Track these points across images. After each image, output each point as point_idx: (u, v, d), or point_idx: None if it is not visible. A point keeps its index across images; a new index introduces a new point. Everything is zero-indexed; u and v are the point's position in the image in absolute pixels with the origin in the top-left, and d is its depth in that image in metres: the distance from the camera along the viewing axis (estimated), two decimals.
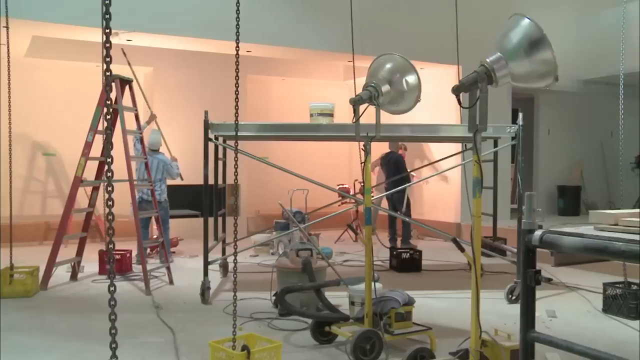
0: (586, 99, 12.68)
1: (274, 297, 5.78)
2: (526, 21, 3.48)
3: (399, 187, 8.65)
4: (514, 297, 6.20)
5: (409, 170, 9.85)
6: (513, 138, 6.64)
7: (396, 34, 9.90)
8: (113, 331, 2.16)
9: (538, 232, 2.25)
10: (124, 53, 8.39)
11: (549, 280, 6.99)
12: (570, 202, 12.65)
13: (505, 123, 7.56)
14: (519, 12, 3.60)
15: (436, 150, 11.03)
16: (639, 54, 9.20)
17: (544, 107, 12.75)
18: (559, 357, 4.25)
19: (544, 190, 12.86)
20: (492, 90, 3.45)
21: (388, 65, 4.62)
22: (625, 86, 6.20)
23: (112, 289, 2.16)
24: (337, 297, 5.51)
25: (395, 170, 9.65)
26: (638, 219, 2.25)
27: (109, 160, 2.12)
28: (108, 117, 2.12)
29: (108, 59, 2.06)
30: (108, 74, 2.07)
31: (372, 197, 8.64)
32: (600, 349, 2.27)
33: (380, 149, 9.67)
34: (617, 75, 6.15)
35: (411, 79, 4.56)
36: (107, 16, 2.05)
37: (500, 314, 5.66)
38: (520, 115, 6.67)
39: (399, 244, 9.63)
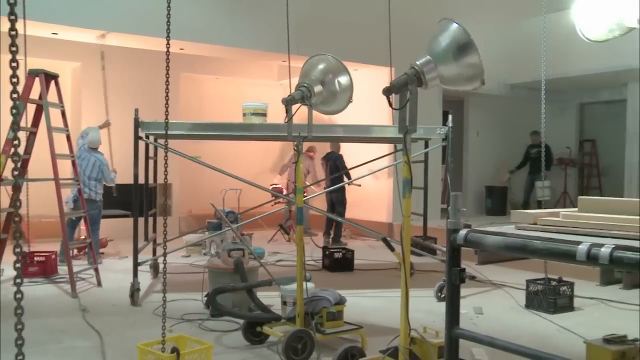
0: (513, 103, 13.14)
1: (205, 298, 5.71)
2: (454, 26, 3.56)
3: (337, 186, 8.74)
4: (443, 295, 6.34)
5: (344, 171, 9.99)
6: (443, 139, 6.80)
7: (331, 35, 9.97)
8: (20, 342, 1.99)
9: (463, 232, 2.31)
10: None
11: (472, 278, 7.19)
12: (498, 201, 13.06)
13: (436, 125, 7.74)
14: (448, 16, 3.69)
15: (370, 150, 11.18)
16: (560, 61, 9.60)
17: (473, 109, 13.13)
18: (484, 352, 4.38)
19: (472, 191, 13.24)
20: (423, 93, 3.52)
21: (321, 66, 4.65)
22: (547, 91, 6.45)
23: (18, 296, 1.96)
24: (270, 297, 5.50)
25: (335, 170, 9.85)
26: (555, 218, 2.35)
27: (15, 158, 2.01)
28: (14, 111, 2.01)
29: (14, 48, 1.96)
30: (14, 64, 1.97)
31: (305, 196, 8.67)
32: (522, 342, 2.36)
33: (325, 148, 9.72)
34: (539, 80, 6.40)
35: (343, 79, 4.60)
36: (12, 1, 1.93)
37: (430, 311, 5.78)
38: (450, 117, 6.84)
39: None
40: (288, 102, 4.42)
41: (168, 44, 3.56)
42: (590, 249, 1.92)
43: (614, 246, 1.90)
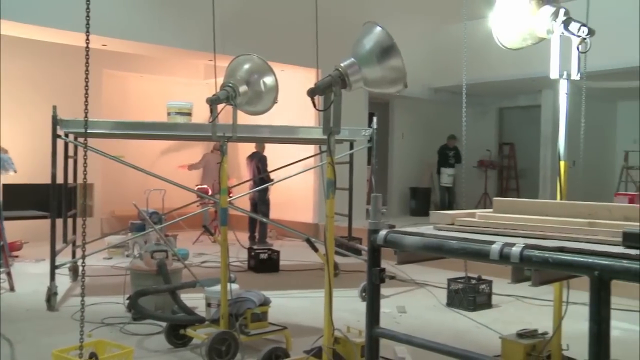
0: (436, 106, 13.50)
1: (127, 301, 5.57)
2: (378, 29, 3.62)
3: (261, 187, 8.73)
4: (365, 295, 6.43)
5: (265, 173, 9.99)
6: (369, 141, 6.90)
7: (258, 35, 9.94)
8: None
9: (383, 232, 2.35)
10: None
11: (392, 277, 7.30)
12: (421, 202, 13.38)
13: (362, 126, 7.85)
14: (372, 20, 3.74)
15: (298, 151, 11.22)
16: (480, 67, 9.94)
17: (398, 111, 13.40)
18: (406, 350, 4.47)
19: (397, 192, 13.50)
20: (349, 94, 3.56)
21: (246, 66, 4.63)
22: (469, 95, 6.66)
23: None
24: (194, 299, 5.42)
25: (259, 170, 9.84)
26: (471, 219, 2.43)
27: None
28: None
29: None
30: None
31: (230, 197, 8.61)
32: (443, 339, 2.43)
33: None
34: (461, 85, 6.60)
35: (269, 80, 4.60)
36: None
37: (354, 311, 5.84)
38: (375, 119, 6.95)
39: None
40: (212, 102, 4.37)
41: (87, 39, 3.45)
42: (502, 248, 2.01)
43: (524, 245, 1.99)
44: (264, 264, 8.02)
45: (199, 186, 10.98)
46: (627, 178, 13.31)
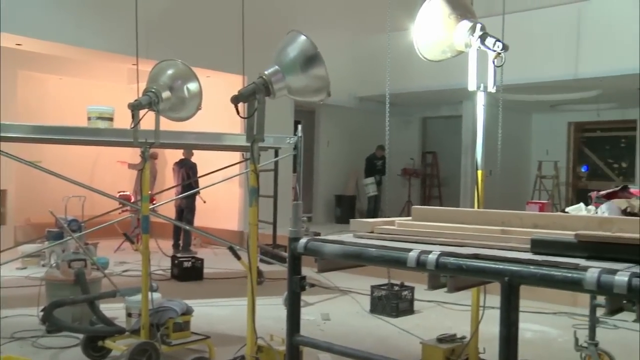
0: (362, 114, 13.69)
1: (41, 313, 5.34)
2: (302, 38, 3.65)
3: (188, 193, 8.60)
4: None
5: (194, 178, 9.86)
6: (294, 148, 6.93)
7: (184, 40, 9.80)
8: None
9: (303, 240, 2.37)
10: None
11: (312, 285, 7.34)
12: (346, 210, 13.52)
13: (288, 134, 7.87)
14: (297, 28, 3.77)
15: (224, 158, 11.12)
16: (404, 77, 10.17)
17: (324, 120, 13.51)
18: (329, 357, 4.50)
19: (323, 199, 13.59)
20: (275, 102, 3.56)
21: (170, 72, 4.56)
22: (393, 105, 6.81)
23: None
24: (114, 310, 5.26)
25: (188, 177, 9.71)
26: (391, 227, 2.48)
27: None
28: None
29: None
30: None
31: (154, 203, 8.44)
32: (366, 345, 2.47)
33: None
34: (384, 94, 6.73)
35: (192, 86, 4.55)
36: None
37: (278, 319, 5.81)
38: (300, 126, 6.99)
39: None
40: (134, 107, 4.28)
41: None
42: (419, 256, 2.06)
43: (440, 253, 2.05)
44: (188, 272, 7.89)
45: (121, 193, 10.69)
46: (541, 187, 13.93)
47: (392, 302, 6.14)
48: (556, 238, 2.05)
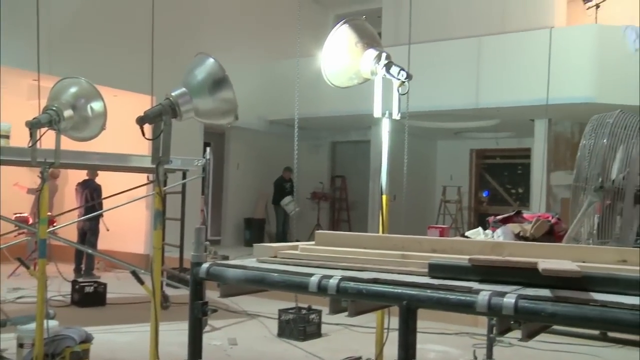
0: (272, 138, 13.72)
1: None
2: (211, 60, 3.64)
3: (92, 215, 8.29)
4: None
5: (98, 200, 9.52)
6: (203, 171, 6.85)
7: (90, 56, 9.51)
8: None
9: (205, 265, 2.34)
10: None
11: (214, 310, 7.23)
12: (256, 233, 13.45)
13: (198, 156, 7.78)
14: (205, 51, 3.76)
15: (130, 179, 10.80)
16: (313, 102, 10.31)
17: (234, 142, 13.43)
18: None
19: (232, 222, 13.46)
20: (185, 123, 3.52)
21: (73, 89, 4.42)
22: (303, 129, 6.88)
23: None
24: (4, 340, 4.96)
25: (91, 199, 9.35)
26: (294, 251, 2.49)
27: None
28: None
29: None
30: None
31: (54, 226, 8.07)
32: None
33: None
34: (294, 118, 6.80)
35: (97, 105, 4.43)
36: None
37: (183, 344, 5.66)
38: (209, 149, 6.93)
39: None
40: (32, 126, 4.11)
41: None
42: (320, 280, 2.08)
43: (340, 277, 2.08)
44: (89, 297, 7.57)
45: (17, 215, 10.14)
46: (445, 211, 14.43)
47: (299, 326, 6.14)
48: (452, 262, 2.13)
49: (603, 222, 2.77)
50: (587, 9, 12.27)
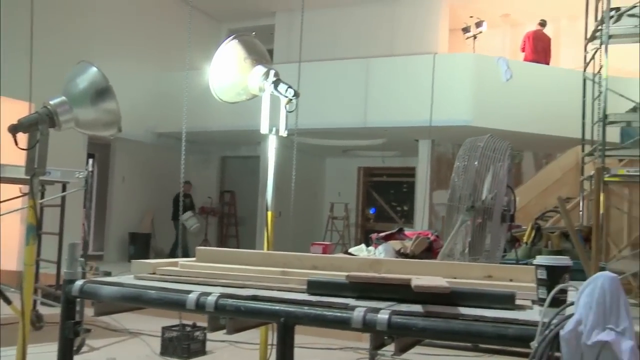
0: (160, 151, 13.38)
1: None
2: (94, 69, 3.52)
3: None
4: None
5: None
6: (85, 183, 6.56)
7: None
8: None
9: (79, 282, 2.25)
10: None
11: (88, 330, 6.93)
12: (141, 248, 13.04)
13: (80, 168, 7.42)
14: (87, 59, 3.63)
15: (6, 190, 10.15)
16: (203, 116, 10.19)
17: (120, 154, 12.98)
18: None
19: (116, 237, 12.98)
20: (67, 133, 3.38)
21: None
22: (193, 142, 6.78)
23: None
24: None
25: None
26: (174, 268, 2.45)
27: None
28: None
29: None
30: None
31: None
32: None
33: None
34: (182, 131, 6.70)
35: None
36: None
37: None
38: (91, 161, 6.66)
39: None
40: None
41: None
42: (199, 297, 2.06)
43: (219, 294, 2.07)
44: None
45: None
46: (333, 227, 14.68)
47: (183, 344, 5.99)
48: (330, 279, 2.17)
49: (474, 240, 2.93)
50: (467, 38, 13.08)
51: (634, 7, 7.15)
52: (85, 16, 11.33)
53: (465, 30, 13.06)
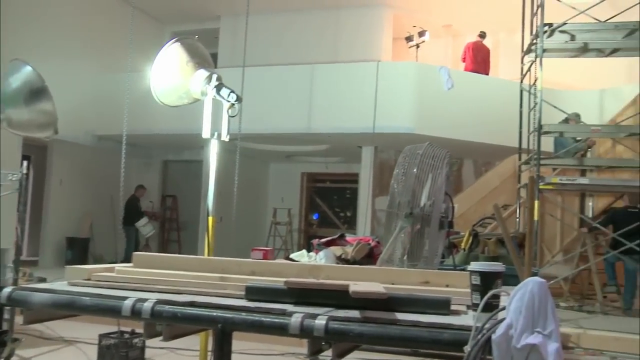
0: (100, 153, 13.04)
1: None
2: (28, 69, 3.43)
3: None
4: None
5: None
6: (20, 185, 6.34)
7: None
8: None
9: (7, 290, 2.16)
10: None
11: (16, 340, 6.69)
12: (79, 253, 12.67)
13: (15, 170, 7.17)
14: (21, 57, 3.52)
15: None
16: (145, 118, 10.01)
17: (57, 157, 12.59)
18: None
19: (53, 241, 12.58)
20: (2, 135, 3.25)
21: None
22: (134, 146, 6.65)
23: None
24: None
25: None
26: (109, 274, 2.39)
27: None
28: None
29: None
30: None
31: None
32: None
33: None
34: (122, 135, 6.57)
35: None
36: None
37: None
38: (25, 163, 6.43)
39: None
40: None
41: None
42: (134, 304, 2.01)
43: (155, 301, 2.03)
44: None
45: None
46: (276, 233, 14.65)
47: (121, 351, 5.85)
48: (268, 285, 2.17)
49: (413, 246, 2.98)
50: (410, 47, 13.31)
51: (564, 24, 7.44)
52: (19, 12, 10.97)
53: (409, 39, 13.28)
